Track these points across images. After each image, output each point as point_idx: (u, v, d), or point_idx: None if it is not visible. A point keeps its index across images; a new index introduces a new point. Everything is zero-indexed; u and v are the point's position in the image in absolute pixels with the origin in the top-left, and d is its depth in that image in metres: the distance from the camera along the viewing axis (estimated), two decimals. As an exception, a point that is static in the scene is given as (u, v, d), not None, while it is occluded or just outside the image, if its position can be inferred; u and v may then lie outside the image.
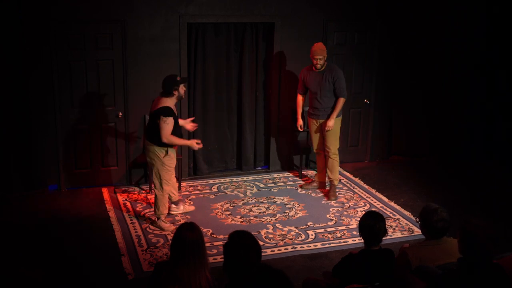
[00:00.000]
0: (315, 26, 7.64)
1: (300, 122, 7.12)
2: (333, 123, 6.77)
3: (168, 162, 5.91)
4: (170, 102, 5.78)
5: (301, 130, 7.24)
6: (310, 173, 7.91)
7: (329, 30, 7.72)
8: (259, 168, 8.03)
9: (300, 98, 7.10)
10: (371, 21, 7.95)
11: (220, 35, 7.40)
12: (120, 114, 7.08)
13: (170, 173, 5.97)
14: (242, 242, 3.24)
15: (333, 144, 6.90)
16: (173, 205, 6.40)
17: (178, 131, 5.94)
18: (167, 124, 5.68)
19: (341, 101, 6.76)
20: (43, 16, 6.53)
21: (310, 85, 6.86)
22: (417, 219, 4.08)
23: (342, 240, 5.99)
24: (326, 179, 7.16)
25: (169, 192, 6.10)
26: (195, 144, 6.04)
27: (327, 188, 7.18)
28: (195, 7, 7.08)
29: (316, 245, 5.87)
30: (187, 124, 6.33)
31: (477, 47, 8.40)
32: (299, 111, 7.12)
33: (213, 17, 7.19)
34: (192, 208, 6.56)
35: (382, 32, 8.01)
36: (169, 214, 6.33)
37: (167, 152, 5.86)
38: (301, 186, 7.35)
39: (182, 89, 5.83)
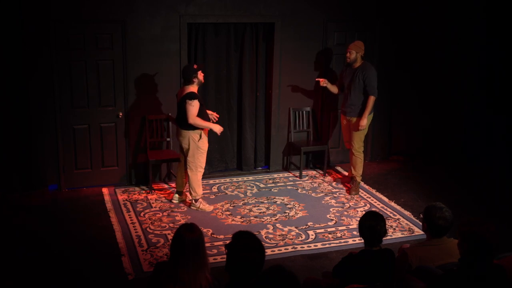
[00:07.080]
0: (315, 26, 7.65)
1: (324, 80, 7.19)
2: (366, 122, 6.92)
3: (202, 146, 6.35)
4: (192, 88, 6.26)
5: (318, 80, 7.24)
6: (311, 173, 7.91)
7: (329, 30, 7.72)
8: (260, 168, 8.03)
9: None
10: (371, 21, 7.95)
11: (220, 35, 7.40)
12: (120, 114, 7.09)
13: (204, 155, 6.44)
14: (245, 243, 3.23)
15: (357, 142, 7.06)
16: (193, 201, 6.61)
17: (206, 117, 6.37)
18: (193, 107, 6.15)
19: (371, 99, 6.89)
20: (43, 16, 6.53)
21: (344, 80, 7.11)
22: (421, 214, 4.08)
23: (342, 240, 5.99)
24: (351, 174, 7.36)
25: (200, 176, 6.51)
26: (218, 128, 6.37)
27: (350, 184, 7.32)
28: (195, 7, 7.08)
29: (316, 245, 5.87)
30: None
31: (477, 47, 8.39)
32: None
33: (213, 17, 7.19)
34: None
35: (382, 32, 8.01)
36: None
37: (200, 136, 6.29)
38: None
39: (200, 75, 6.29)
